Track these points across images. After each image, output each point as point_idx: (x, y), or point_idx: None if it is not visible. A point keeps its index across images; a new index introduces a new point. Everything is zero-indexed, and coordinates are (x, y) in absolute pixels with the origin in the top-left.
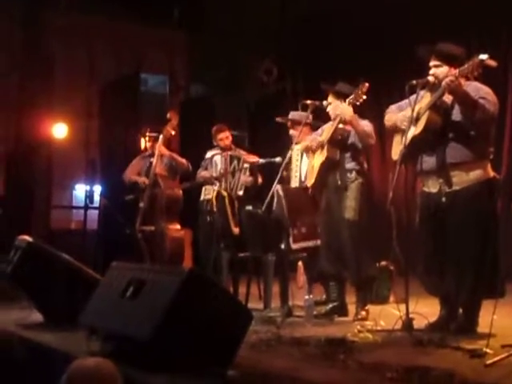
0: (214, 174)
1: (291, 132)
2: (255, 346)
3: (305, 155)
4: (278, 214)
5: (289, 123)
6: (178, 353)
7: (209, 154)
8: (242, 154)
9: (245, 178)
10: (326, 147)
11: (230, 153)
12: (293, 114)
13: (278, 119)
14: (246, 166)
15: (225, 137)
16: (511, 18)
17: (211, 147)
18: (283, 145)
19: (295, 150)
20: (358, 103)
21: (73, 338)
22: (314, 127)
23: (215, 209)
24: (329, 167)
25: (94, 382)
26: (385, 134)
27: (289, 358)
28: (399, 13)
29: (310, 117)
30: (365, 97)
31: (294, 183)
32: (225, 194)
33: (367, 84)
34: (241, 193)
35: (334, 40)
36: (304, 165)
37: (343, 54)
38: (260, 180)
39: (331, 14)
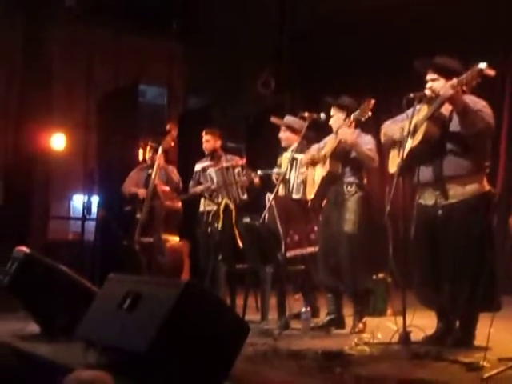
0: (213, 187)
1: (281, 134)
2: (252, 358)
3: (295, 165)
4: (271, 224)
5: (282, 126)
6: (174, 365)
7: (198, 167)
8: (230, 159)
9: (240, 180)
10: (328, 161)
11: (224, 165)
12: (288, 119)
13: (273, 119)
14: (237, 170)
15: (205, 140)
16: (508, 30)
17: (198, 159)
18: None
19: (285, 158)
20: (363, 119)
21: (69, 349)
22: (308, 138)
23: (221, 221)
24: (330, 181)
25: None
26: (383, 148)
27: (286, 370)
28: (397, 27)
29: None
30: (370, 113)
31: (281, 192)
32: (232, 206)
33: (373, 100)
34: (245, 197)
35: (331, 54)
36: (293, 175)
37: (341, 68)
38: (257, 180)
39: (330, 28)
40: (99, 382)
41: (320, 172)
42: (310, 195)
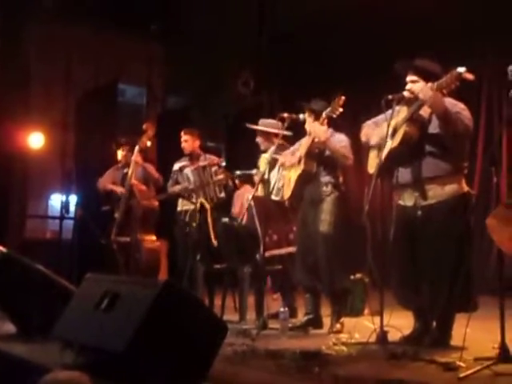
0: (191, 187)
1: (257, 139)
2: (230, 358)
3: (277, 167)
4: (250, 224)
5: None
6: (152, 365)
7: (176, 166)
8: (208, 158)
9: (217, 178)
10: (302, 160)
11: (200, 164)
12: (262, 123)
13: (248, 126)
14: (214, 169)
15: (183, 140)
16: (485, 34)
17: (178, 159)
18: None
19: (263, 159)
20: (334, 116)
21: (46, 349)
22: (287, 138)
23: (197, 220)
24: (305, 180)
25: None
26: (361, 149)
27: (264, 370)
28: (375, 28)
29: (280, 125)
30: (341, 109)
31: (260, 192)
32: (208, 206)
33: (343, 97)
34: (222, 195)
35: (311, 54)
36: (272, 176)
37: (321, 68)
38: (232, 181)
39: (309, 28)
40: (76, 382)
41: (295, 172)
42: (287, 195)
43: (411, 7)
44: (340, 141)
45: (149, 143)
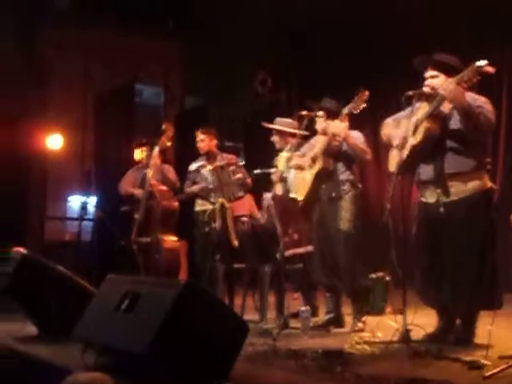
0: (209, 187)
1: (272, 138)
2: (251, 358)
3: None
4: (270, 223)
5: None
6: (174, 366)
7: (193, 167)
8: (225, 158)
9: (235, 177)
10: (319, 159)
11: (218, 164)
12: (278, 122)
13: (264, 124)
14: (231, 168)
15: (199, 140)
16: (504, 26)
17: (195, 159)
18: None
19: (282, 158)
20: (356, 112)
21: (68, 351)
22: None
23: (217, 220)
24: (322, 179)
25: None
26: (381, 146)
27: (285, 370)
28: (394, 24)
29: (297, 124)
30: (364, 105)
31: (279, 191)
32: (228, 205)
33: (367, 92)
34: (241, 193)
35: (329, 51)
36: (290, 174)
37: (339, 66)
38: (249, 180)
39: (327, 25)
40: (98, 383)
41: (311, 171)
42: (301, 196)
43: (427, 2)
44: (356, 138)
45: (168, 143)
